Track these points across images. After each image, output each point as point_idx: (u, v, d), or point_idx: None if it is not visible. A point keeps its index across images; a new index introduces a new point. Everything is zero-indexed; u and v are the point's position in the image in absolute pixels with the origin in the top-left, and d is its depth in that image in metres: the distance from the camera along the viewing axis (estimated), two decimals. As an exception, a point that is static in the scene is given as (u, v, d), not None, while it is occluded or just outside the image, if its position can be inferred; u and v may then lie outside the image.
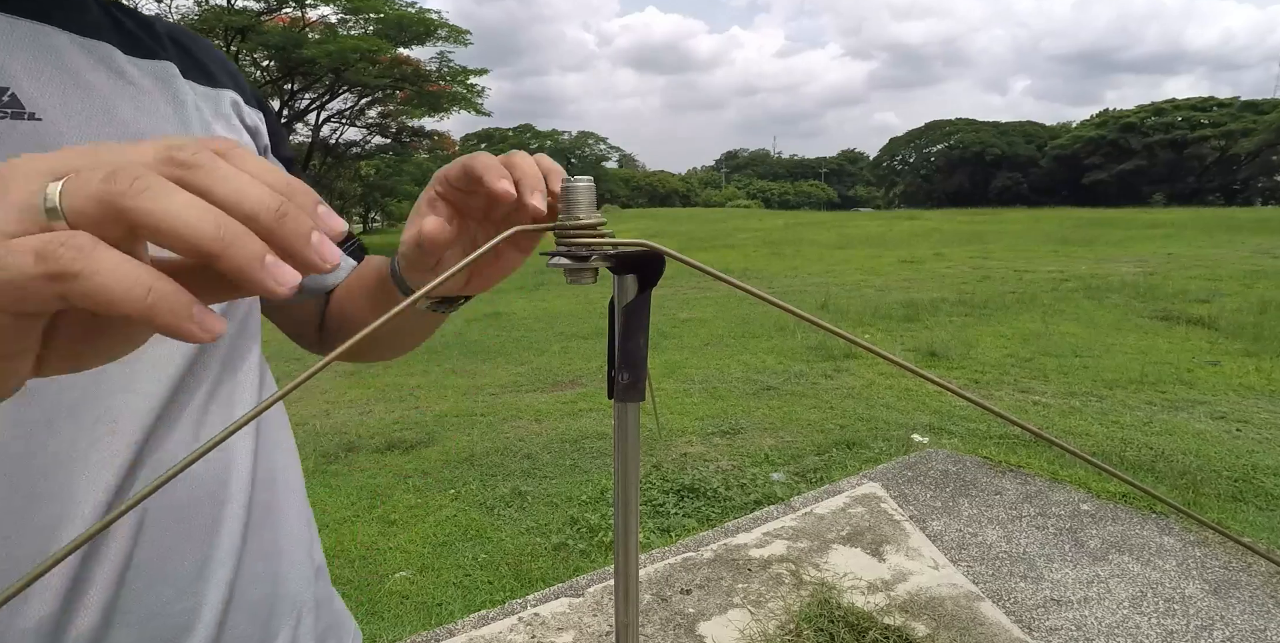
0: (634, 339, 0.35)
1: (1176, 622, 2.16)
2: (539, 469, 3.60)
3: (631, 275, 0.35)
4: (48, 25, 0.44)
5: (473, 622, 2.18)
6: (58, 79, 0.43)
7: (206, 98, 0.53)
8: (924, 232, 21.18)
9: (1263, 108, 54.87)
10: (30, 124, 0.41)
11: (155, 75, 0.49)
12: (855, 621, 2.09)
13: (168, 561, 0.47)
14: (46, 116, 0.42)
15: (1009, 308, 7.71)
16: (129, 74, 0.47)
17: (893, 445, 3.67)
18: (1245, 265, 10.90)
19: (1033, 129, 75.65)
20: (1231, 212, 32.15)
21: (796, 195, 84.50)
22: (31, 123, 0.41)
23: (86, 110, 0.44)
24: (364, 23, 19.89)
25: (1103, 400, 4.45)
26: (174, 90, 0.49)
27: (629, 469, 0.36)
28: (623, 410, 0.36)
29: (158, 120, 0.46)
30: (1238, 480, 3.15)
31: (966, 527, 2.76)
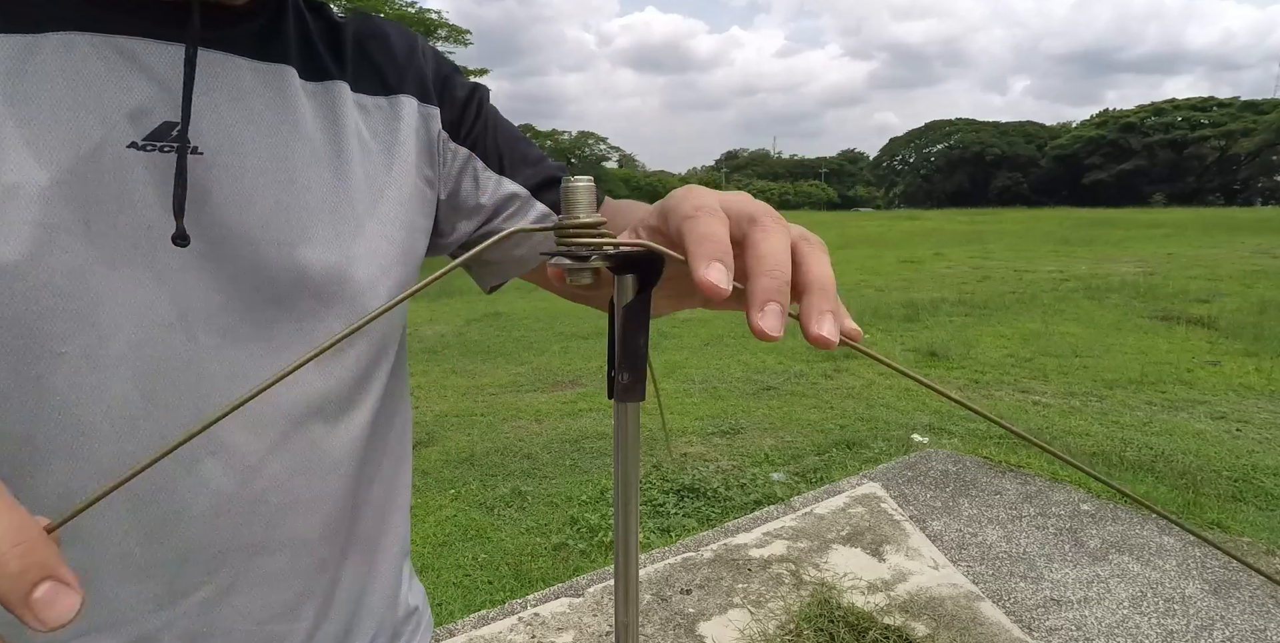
0: (634, 339, 0.35)
1: (1176, 622, 2.16)
2: (539, 469, 3.60)
3: (631, 275, 0.35)
4: (230, 54, 0.45)
5: (473, 622, 2.18)
6: (230, 114, 0.45)
7: (377, 110, 0.53)
8: (924, 232, 21.19)
9: (1263, 108, 54.90)
10: (197, 160, 0.43)
11: (324, 101, 0.50)
12: (855, 621, 2.09)
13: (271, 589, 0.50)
14: (212, 153, 0.43)
15: (1009, 308, 7.71)
16: (298, 105, 0.48)
17: (893, 445, 3.67)
18: (1245, 265, 10.91)
19: (1033, 129, 75.68)
20: (1231, 212, 32.17)
21: (796, 195, 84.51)
22: (198, 159, 0.43)
23: (254, 148, 0.45)
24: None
25: (1103, 400, 4.45)
26: (337, 116, 0.50)
27: (629, 469, 0.36)
28: (623, 410, 0.36)
29: (315, 159, 0.48)
30: (1238, 481, 3.15)
31: (966, 527, 2.76)
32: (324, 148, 0.49)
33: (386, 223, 0.52)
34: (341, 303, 0.48)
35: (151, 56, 0.42)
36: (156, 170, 0.41)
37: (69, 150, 0.39)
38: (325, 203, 0.48)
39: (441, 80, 0.58)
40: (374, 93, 0.53)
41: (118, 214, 0.40)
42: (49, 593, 0.20)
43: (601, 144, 63.96)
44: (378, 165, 0.52)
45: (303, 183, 0.47)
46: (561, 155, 58.27)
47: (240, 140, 0.45)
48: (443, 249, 0.61)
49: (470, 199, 0.58)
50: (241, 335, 0.45)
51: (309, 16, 0.52)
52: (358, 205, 0.50)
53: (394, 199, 0.52)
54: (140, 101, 0.41)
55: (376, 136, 0.52)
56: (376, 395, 0.54)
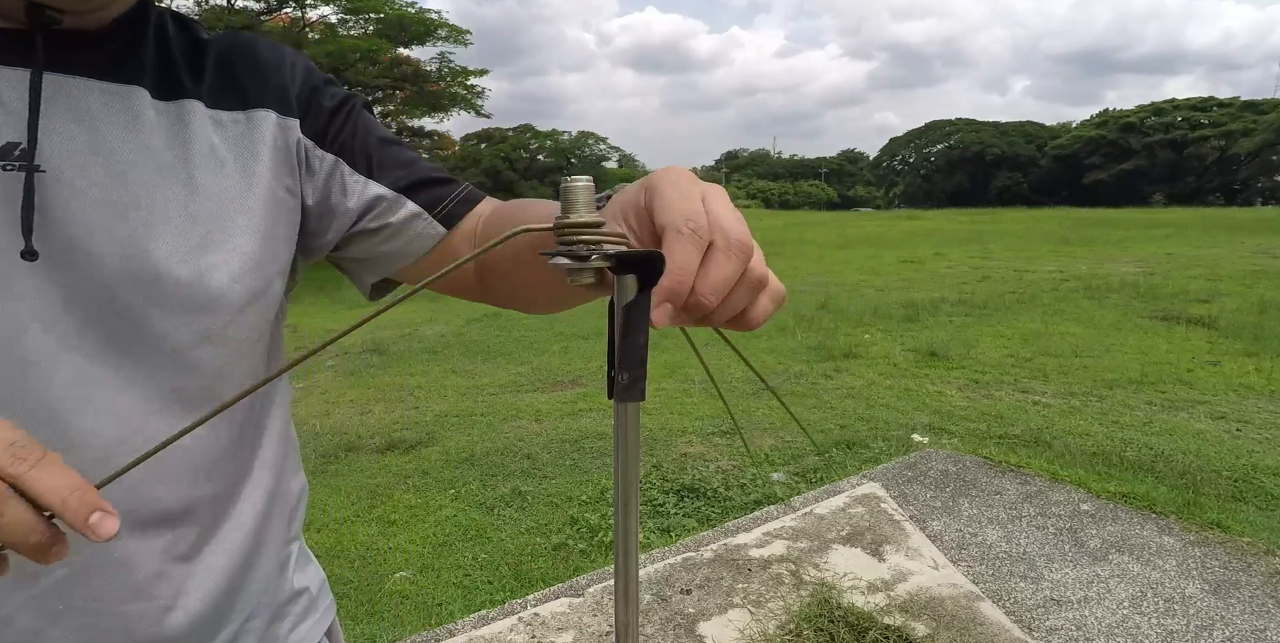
0: (634, 339, 0.35)
1: (1176, 622, 2.16)
2: (539, 469, 3.60)
3: (631, 275, 0.35)
4: (80, 76, 0.48)
5: (473, 622, 2.18)
6: (77, 134, 0.47)
7: (234, 125, 0.56)
8: (924, 232, 21.19)
9: (1263, 108, 54.89)
10: (46, 179, 0.45)
11: (175, 118, 0.53)
12: (855, 621, 2.09)
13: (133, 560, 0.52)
14: (62, 173, 0.46)
15: (1009, 308, 7.71)
16: (146, 124, 0.51)
17: (893, 445, 3.67)
18: (1245, 265, 10.90)
19: (1033, 129, 75.66)
20: (1231, 212, 32.16)
21: (796, 195, 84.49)
22: (45, 177, 0.45)
23: (97, 168, 0.48)
24: (364, 23, 19.90)
25: (1103, 400, 4.45)
26: (188, 133, 0.53)
27: (629, 469, 0.36)
28: (622, 410, 0.36)
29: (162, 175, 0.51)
30: (1238, 481, 3.15)
31: (966, 527, 2.76)
32: (173, 164, 0.52)
33: (239, 233, 0.54)
34: (189, 312, 0.52)
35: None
36: (3, 189, 0.44)
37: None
38: (171, 216, 0.51)
39: (309, 91, 0.62)
40: (231, 108, 0.56)
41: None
42: (99, 519, 0.32)
43: (601, 144, 63.94)
44: (231, 178, 0.55)
45: (148, 198, 0.50)
46: (561, 155, 58.21)
47: (85, 159, 0.47)
48: (318, 252, 0.65)
49: (339, 203, 0.62)
50: (89, 345, 0.48)
51: (174, 36, 0.56)
52: (206, 218, 0.52)
53: (249, 210, 0.55)
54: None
55: (232, 150, 0.55)
56: (238, 386, 0.57)
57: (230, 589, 0.59)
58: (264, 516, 0.62)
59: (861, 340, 6.32)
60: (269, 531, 0.63)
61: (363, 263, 0.66)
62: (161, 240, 0.50)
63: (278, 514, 0.65)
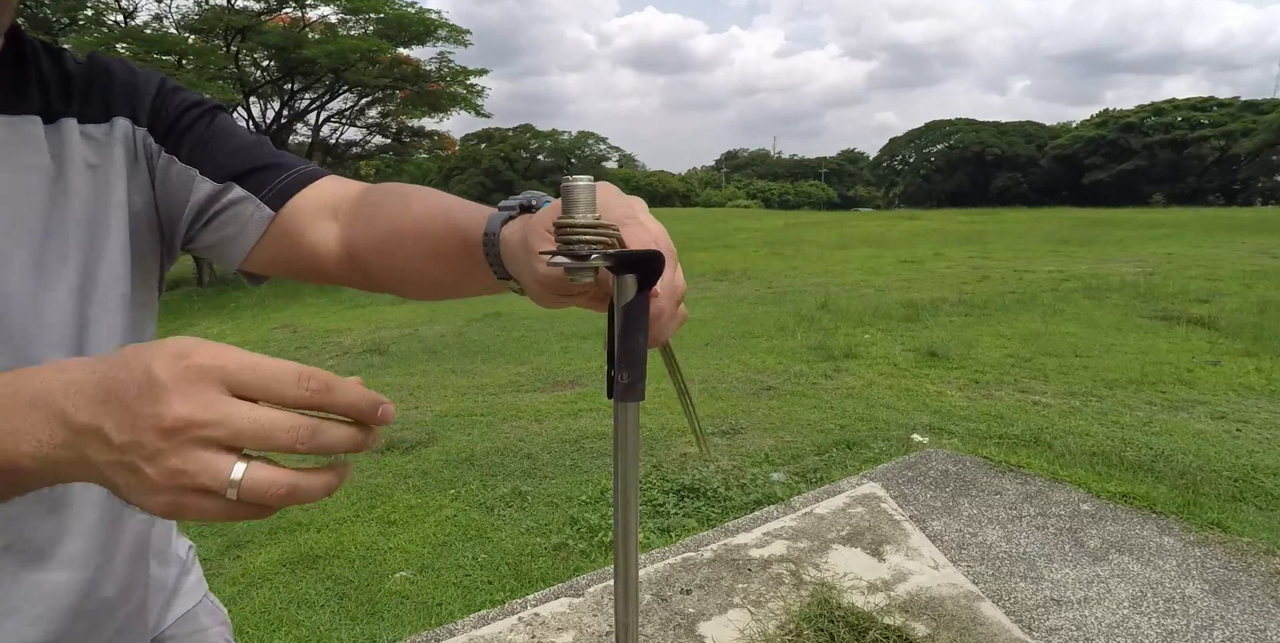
0: (633, 339, 0.35)
1: (1176, 622, 2.16)
2: (539, 469, 3.60)
3: (631, 275, 0.35)
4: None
5: (473, 622, 2.18)
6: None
7: (100, 134, 0.62)
8: (924, 232, 21.18)
9: (1263, 108, 54.86)
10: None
11: (55, 139, 0.58)
12: (855, 621, 2.09)
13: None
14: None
15: (1009, 308, 7.71)
16: (38, 146, 0.57)
17: (893, 445, 3.67)
18: (1245, 265, 10.90)
19: (1033, 129, 75.61)
20: (1231, 212, 32.14)
21: (796, 195, 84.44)
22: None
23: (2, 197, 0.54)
24: (364, 23, 19.89)
25: (1103, 400, 4.45)
26: (65, 150, 0.59)
27: (629, 469, 0.36)
28: (622, 410, 0.36)
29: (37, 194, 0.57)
30: (1238, 481, 3.15)
31: (966, 527, 2.76)
32: (50, 182, 0.57)
33: (106, 239, 0.60)
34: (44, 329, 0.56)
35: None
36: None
37: None
38: (35, 233, 0.56)
39: (160, 99, 0.67)
40: (96, 120, 0.62)
41: None
42: (385, 409, 0.39)
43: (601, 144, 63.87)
44: (99, 185, 0.61)
45: (20, 218, 0.55)
46: (561, 155, 58.19)
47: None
48: (174, 247, 0.69)
49: (177, 198, 0.65)
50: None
51: (46, 63, 0.61)
52: (72, 228, 0.58)
53: (114, 216, 0.61)
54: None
55: (99, 158, 0.62)
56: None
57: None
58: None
59: (861, 340, 6.32)
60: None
61: (212, 253, 0.69)
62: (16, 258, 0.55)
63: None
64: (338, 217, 0.65)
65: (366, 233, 0.63)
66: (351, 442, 0.38)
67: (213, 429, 0.33)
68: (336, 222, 0.65)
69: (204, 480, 0.33)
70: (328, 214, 0.65)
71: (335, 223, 0.65)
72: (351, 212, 0.65)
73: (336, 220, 0.65)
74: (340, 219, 0.65)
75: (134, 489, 0.34)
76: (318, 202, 0.66)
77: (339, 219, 0.65)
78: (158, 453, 0.32)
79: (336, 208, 0.65)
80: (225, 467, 0.33)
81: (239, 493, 0.33)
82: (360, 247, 0.64)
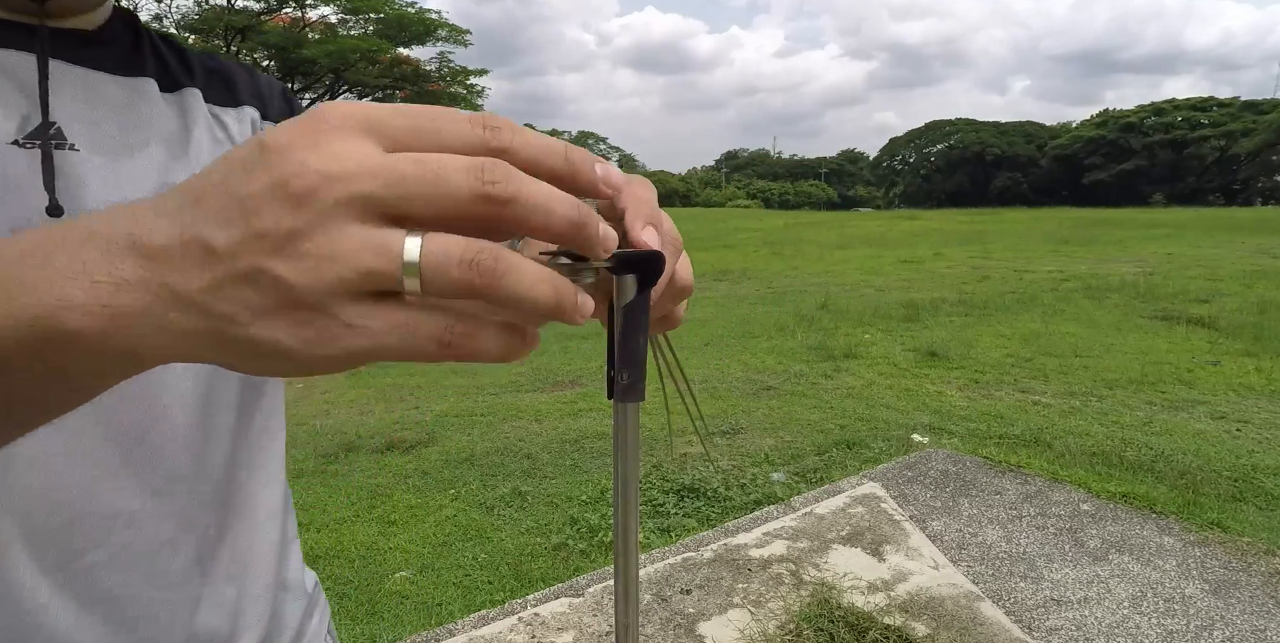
0: (634, 339, 0.35)
1: (1176, 622, 2.16)
2: (539, 469, 3.60)
3: (631, 275, 0.35)
4: (93, 70, 0.52)
5: (473, 622, 2.18)
6: (100, 117, 0.51)
7: (226, 116, 0.61)
8: (924, 232, 21.19)
9: (1263, 108, 54.89)
10: (71, 154, 0.48)
11: (179, 106, 0.57)
12: (855, 621, 2.09)
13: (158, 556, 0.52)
14: (84, 148, 0.49)
15: (1009, 308, 7.71)
16: (158, 110, 0.55)
17: (893, 445, 3.67)
18: (1245, 265, 10.91)
19: (1033, 129, 75.65)
20: (1231, 212, 32.16)
21: (796, 195, 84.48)
22: (72, 153, 0.48)
23: (119, 146, 0.51)
24: (364, 23, 19.91)
25: (1103, 400, 4.45)
26: (191, 117, 0.57)
27: (629, 469, 0.36)
28: (622, 410, 0.36)
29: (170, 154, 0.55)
30: (1238, 481, 3.15)
31: (966, 527, 2.76)
32: (178, 145, 0.56)
33: None
34: None
35: (19, 66, 0.48)
36: (37, 164, 0.47)
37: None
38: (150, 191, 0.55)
39: (287, 103, 0.67)
40: (224, 104, 0.62)
41: (3, 200, 0.46)
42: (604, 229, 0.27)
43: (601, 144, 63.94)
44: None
45: (159, 173, 0.53)
46: (561, 155, 58.24)
47: (107, 139, 0.51)
48: None
49: None
50: None
51: (165, 47, 0.61)
52: None
53: None
54: (16, 105, 0.47)
55: (225, 136, 0.60)
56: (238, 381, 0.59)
57: (244, 581, 0.60)
58: (281, 511, 0.64)
59: (861, 340, 6.32)
60: (287, 525, 0.65)
61: None
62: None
63: (287, 508, 0.67)
64: None
65: None
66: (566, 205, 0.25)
67: (365, 182, 0.22)
68: None
69: (366, 261, 0.22)
70: None
71: None
72: None
73: None
74: None
75: (256, 318, 0.23)
76: None
77: None
78: (290, 237, 0.22)
79: None
80: (393, 239, 0.22)
81: (421, 279, 0.23)
82: None
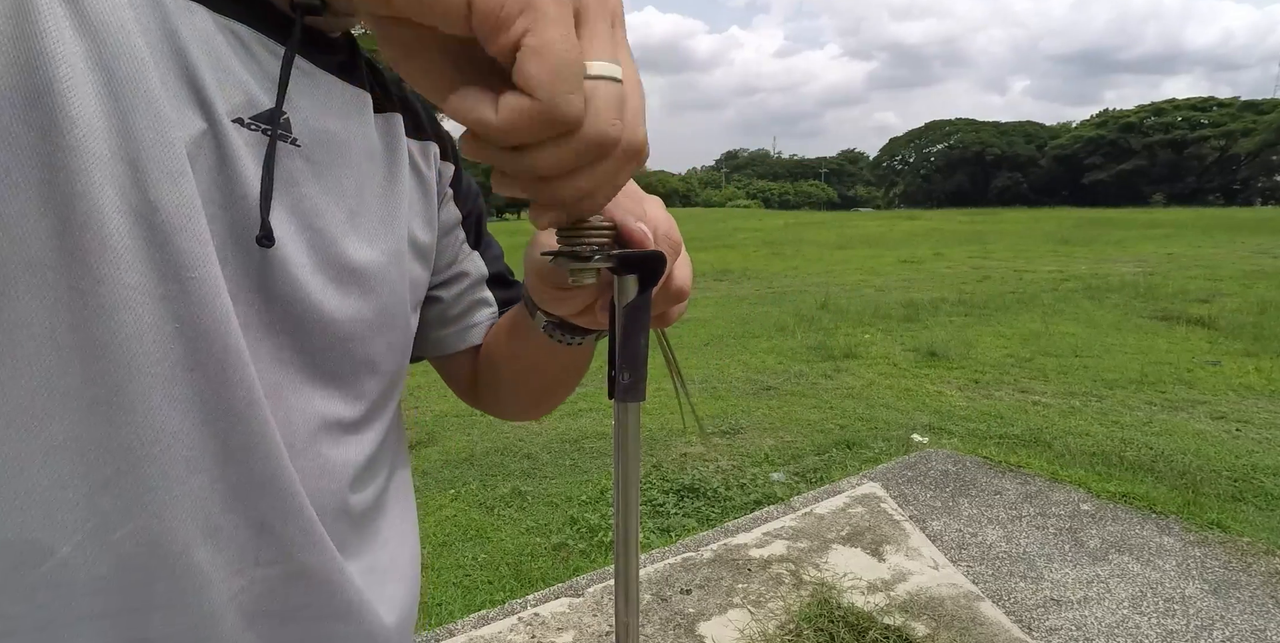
0: (634, 339, 0.35)
1: (1176, 622, 2.16)
2: (539, 469, 3.60)
3: (632, 276, 0.35)
4: (329, 73, 0.50)
5: (473, 622, 2.18)
6: (323, 117, 0.49)
7: (414, 148, 0.58)
8: (924, 232, 21.20)
9: (1263, 108, 54.91)
10: (291, 148, 0.46)
11: (385, 129, 0.55)
12: (855, 621, 2.09)
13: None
14: (304, 145, 0.47)
15: (1009, 308, 7.72)
16: (371, 127, 0.53)
17: (893, 445, 3.67)
18: (1245, 265, 10.91)
19: (1033, 129, 75.66)
20: (1231, 212, 32.19)
21: (796, 195, 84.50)
22: (293, 147, 0.46)
23: (332, 152, 0.49)
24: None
25: (1103, 400, 4.45)
26: (395, 143, 0.55)
27: (629, 469, 0.36)
28: (622, 410, 0.36)
29: (377, 174, 0.53)
30: (1238, 481, 3.15)
31: (966, 527, 2.76)
32: (385, 166, 0.53)
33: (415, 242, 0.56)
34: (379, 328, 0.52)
35: (259, 48, 0.45)
36: (254, 148, 0.44)
37: (197, 111, 0.41)
38: (379, 211, 0.52)
39: (454, 144, 0.63)
40: (416, 137, 0.58)
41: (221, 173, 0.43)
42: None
43: (601, 144, 63.77)
44: (421, 190, 0.58)
45: (370, 192, 0.51)
46: (561, 155, 58.19)
47: (329, 142, 0.48)
48: None
49: (442, 257, 0.62)
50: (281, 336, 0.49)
51: (370, 64, 0.59)
52: (402, 218, 0.54)
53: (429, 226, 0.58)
54: (244, 84, 0.44)
55: (418, 171, 0.58)
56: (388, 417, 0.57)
57: (411, 605, 0.59)
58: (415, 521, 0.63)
59: (861, 340, 6.32)
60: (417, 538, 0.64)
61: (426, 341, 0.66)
62: (367, 228, 0.51)
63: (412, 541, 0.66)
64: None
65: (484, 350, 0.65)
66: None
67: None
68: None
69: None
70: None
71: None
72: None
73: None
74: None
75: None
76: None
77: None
78: None
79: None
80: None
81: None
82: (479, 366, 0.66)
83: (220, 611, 0.43)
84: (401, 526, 0.60)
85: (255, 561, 0.44)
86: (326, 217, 0.47)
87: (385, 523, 0.57)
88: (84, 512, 0.37)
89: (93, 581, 0.38)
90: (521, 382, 0.62)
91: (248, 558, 0.44)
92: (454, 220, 0.62)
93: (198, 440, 0.40)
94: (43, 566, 0.36)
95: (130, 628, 0.40)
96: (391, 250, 0.52)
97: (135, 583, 0.39)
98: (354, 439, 0.52)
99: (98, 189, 0.35)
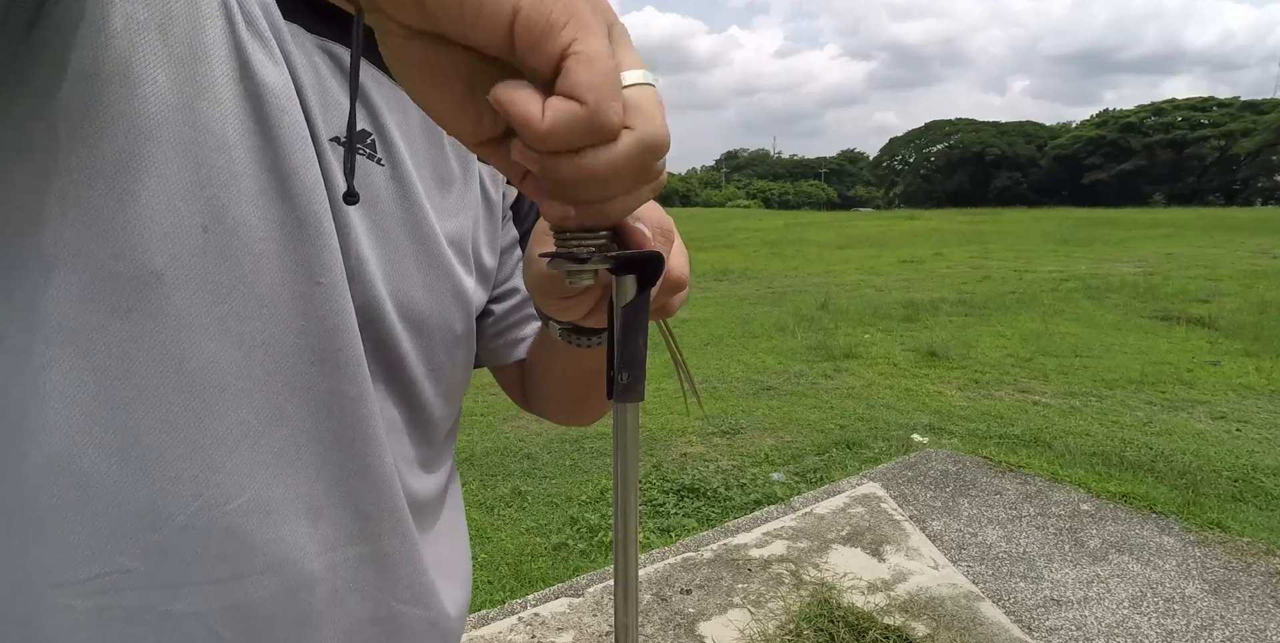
0: (634, 339, 0.35)
1: (1176, 622, 2.16)
2: (539, 469, 3.60)
3: (631, 276, 0.35)
4: (383, 73, 0.50)
5: (473, 622, 2.18)
6: (405, 138, 0.50)
7: (488, 173, 0.59)
8: (924, 232, 21.21)
9: (1263, 108, 54.92)
10: (376, 167, 0.47)
11: (455, 143, 0.54)
12: (855, 621, 2.09)
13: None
14: (388, 164, 0.48)
15: (1009, 308, 7.71)
16: (446, 143, 0.54)
17: (893, 445, 3.67)
18: (1245, 265, 10.91)
19: (1032, 129, 75.66)
20: (1231, 212, 32.19)
21: (796, 195, 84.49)
22: (378, 167, 0.48)
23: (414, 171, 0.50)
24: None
25: (1103, 400, 4.45)
26: (466, 157, 0.56)
27: (629, 469, 0.36)
28: (622, 411, 0.36)
29: (449, 187, 0.54)
30: (1238, 481, 3.15)
31: (966, 527, 2.76)
32: (463, 182, 0.56)
33: (485, 258, 0.59)
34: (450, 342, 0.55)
35: (344, 59, 0.46)
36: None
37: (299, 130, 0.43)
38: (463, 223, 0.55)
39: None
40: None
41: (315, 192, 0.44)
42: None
43: (601, 144, 63.79)
44: (488, 214, 0.59)
45: (436, 195, 0.53)
46: (561, 155, 58.24)
47: (410, 157, 0.50)
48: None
49: (499, 274, 0.63)
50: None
51: None
52: (483, 232, 0.57)
53: (493, 240, 0.60)
54: (339, 102, 0.45)
55: (491, 191, 0.60)
56: (454, 417, 0.62)
57: (464, 603, 0.62)
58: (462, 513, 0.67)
59: (861, 340, 6.32)
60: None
61: (487, 351, 0.67)
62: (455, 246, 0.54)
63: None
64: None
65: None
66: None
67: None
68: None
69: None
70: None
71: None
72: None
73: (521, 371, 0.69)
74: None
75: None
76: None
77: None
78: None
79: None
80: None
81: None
82: (527, 374, 0.68)
83: (312, 583, 0.46)
84: (456, 519, 0.64)
85: (349, 539, 0.48)
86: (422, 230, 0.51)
87: (444, 515, 0.61)
88: (200, 485, 0.41)
89: (202, 547, 0.41)
90: (559, 390, 0.65)
91: (341, 537, 0.47)
92: (512, 240, 0.63)
93: (311, 427, 0.44)
94: (162, 529, 0.40)
95: (230, 594, 0.43)
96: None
97: (239, 553, 0.42)
98: (431, 435, 0.56)
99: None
